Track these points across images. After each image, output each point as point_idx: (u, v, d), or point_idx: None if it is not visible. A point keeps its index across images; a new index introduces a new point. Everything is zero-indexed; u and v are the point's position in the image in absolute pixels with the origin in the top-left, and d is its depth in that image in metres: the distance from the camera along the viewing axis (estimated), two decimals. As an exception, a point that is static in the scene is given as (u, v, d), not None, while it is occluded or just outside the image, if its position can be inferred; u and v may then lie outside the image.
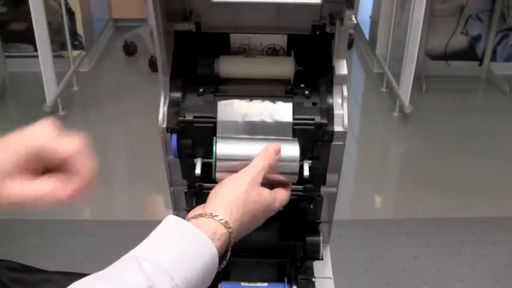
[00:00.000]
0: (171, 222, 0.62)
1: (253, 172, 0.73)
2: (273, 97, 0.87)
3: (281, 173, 0.79)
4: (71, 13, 3.15)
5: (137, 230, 1.06)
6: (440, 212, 2.11)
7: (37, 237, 1.90)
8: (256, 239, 0.80)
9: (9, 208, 0.56)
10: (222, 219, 0.65)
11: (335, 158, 0.89)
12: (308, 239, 1.00)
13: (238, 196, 0.69)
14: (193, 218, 0.66)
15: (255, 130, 0.86)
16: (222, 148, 0.79)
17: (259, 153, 0.77)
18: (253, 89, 0.89)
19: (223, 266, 0.67)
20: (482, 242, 1.94)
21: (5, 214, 2.07)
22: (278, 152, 0.78)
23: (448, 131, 2.73)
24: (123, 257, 0.58)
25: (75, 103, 2.93)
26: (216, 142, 0.80)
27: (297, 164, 0.80)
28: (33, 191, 0.57)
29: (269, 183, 0.77)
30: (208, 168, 0.89)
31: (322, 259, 1.02)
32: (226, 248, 0.65)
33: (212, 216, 0.65)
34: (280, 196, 0.77)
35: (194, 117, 0.85)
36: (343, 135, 0.86)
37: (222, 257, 0.64)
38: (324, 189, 0.94)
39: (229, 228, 0.65)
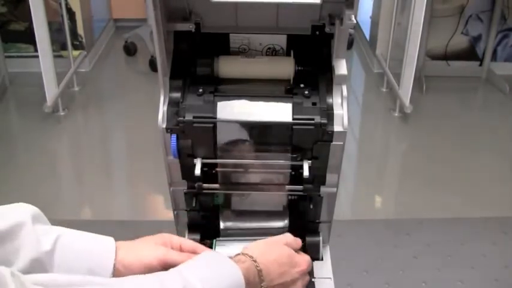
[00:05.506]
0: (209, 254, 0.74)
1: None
2: (273, 97, 0.87)
3: None
4: (71, 13, 3.15)
5: (137, 230, 1.06)
6: (440, 212, 2.11)
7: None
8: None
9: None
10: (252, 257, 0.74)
11: (335, 158, 0.89)
12: (308, 239, 0.99)
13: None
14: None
15: (254, 131, 0.86)
16: (220, 250, 0.90)
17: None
18: (253, 89, 0.89)
19: None
20: (482, 242, 1.94)
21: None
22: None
23: (448, 131, 2.73)
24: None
25: (76, 103, 2.93)
26: (215, 245, 0.91)
27: None
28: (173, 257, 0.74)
29: None
30: (208, 169, 0.90)
31: (322, 259, 1.01)
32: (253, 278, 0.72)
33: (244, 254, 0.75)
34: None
35: (194, 117, 0.85)
36: (342, 135, 0.86)
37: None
38: (323, 189, 0.94)
39: (252, 257, 0.73)
